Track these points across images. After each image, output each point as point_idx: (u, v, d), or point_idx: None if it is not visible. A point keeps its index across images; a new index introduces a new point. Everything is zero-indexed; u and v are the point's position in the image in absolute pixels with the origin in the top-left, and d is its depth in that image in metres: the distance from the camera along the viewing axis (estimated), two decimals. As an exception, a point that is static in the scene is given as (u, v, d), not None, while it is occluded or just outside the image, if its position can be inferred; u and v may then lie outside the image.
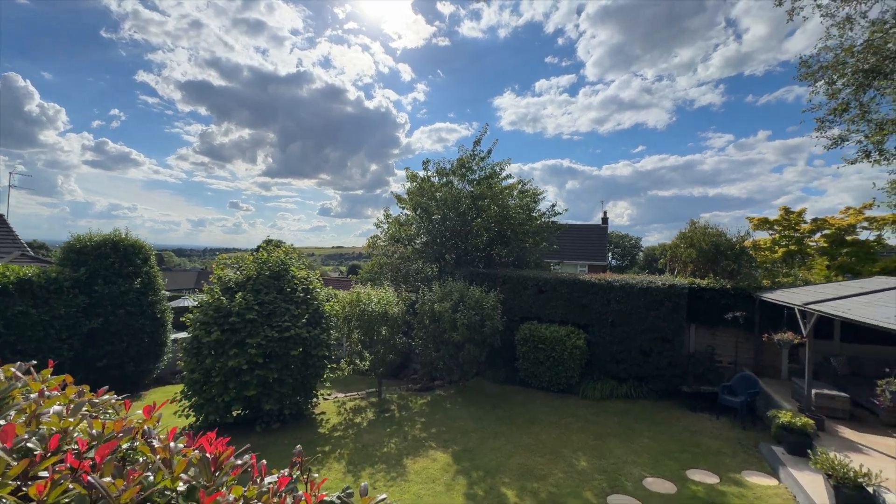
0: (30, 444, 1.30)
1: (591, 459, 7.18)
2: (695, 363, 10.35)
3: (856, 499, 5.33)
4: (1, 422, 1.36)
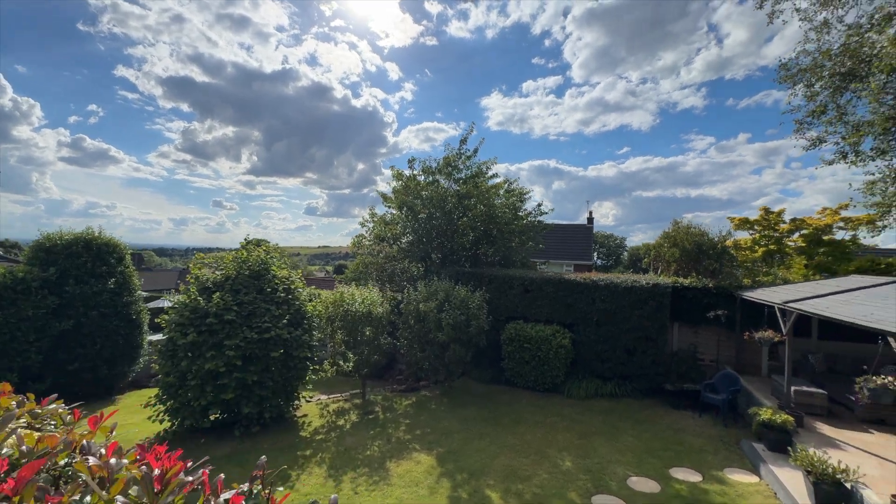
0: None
1: (575, 459, 7.16)
2: (678, 362, 10.44)
3: (834, 495, 5.40)
4: None
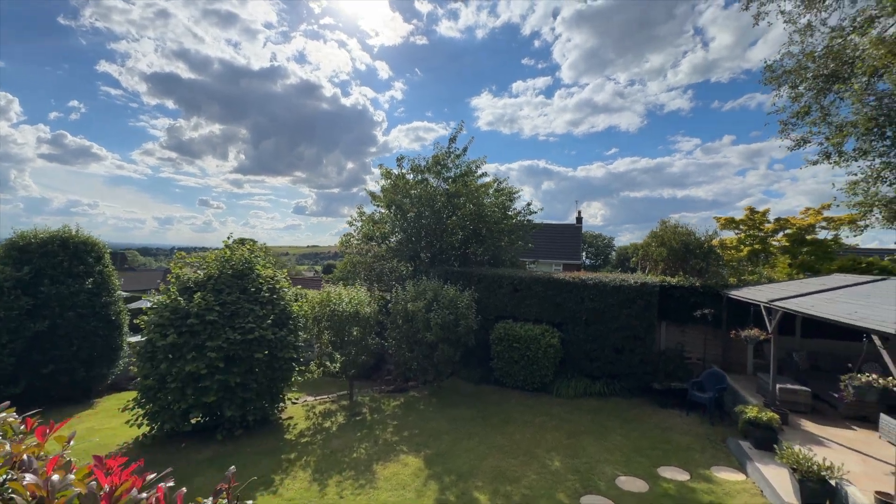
0: None
1: (564, 459, 7.11)
2: (665, 360, 10.49)
3: (819, 492, 5.43)
4: None
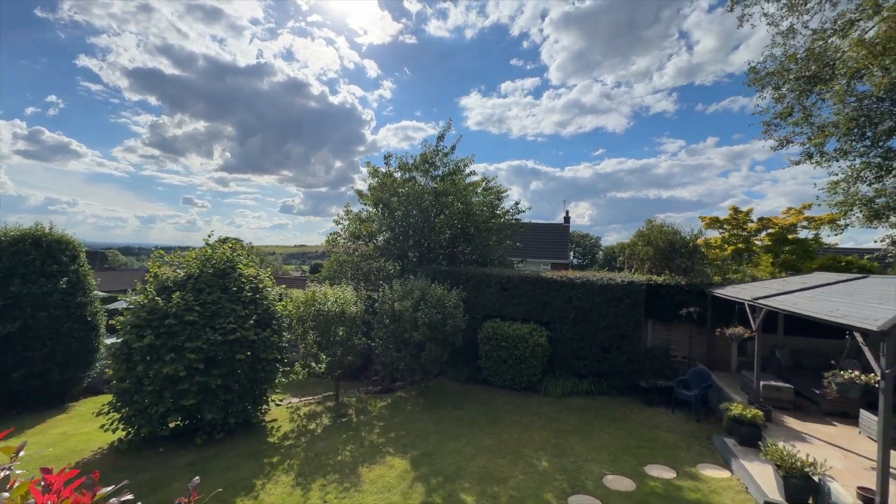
0: None
1: (552, 459, 7.07)
2: (652, 359, 10.56)
3: (803, 488, 5.47)
4: None
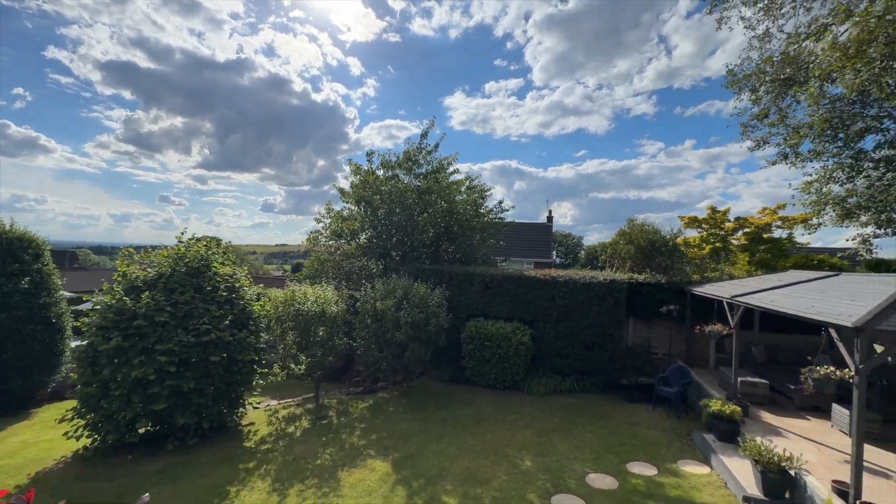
0: None
1: (535, 458, 7.03)
2: (633, 356, 10.66)
3: (780, 482, 5.55)
4: None
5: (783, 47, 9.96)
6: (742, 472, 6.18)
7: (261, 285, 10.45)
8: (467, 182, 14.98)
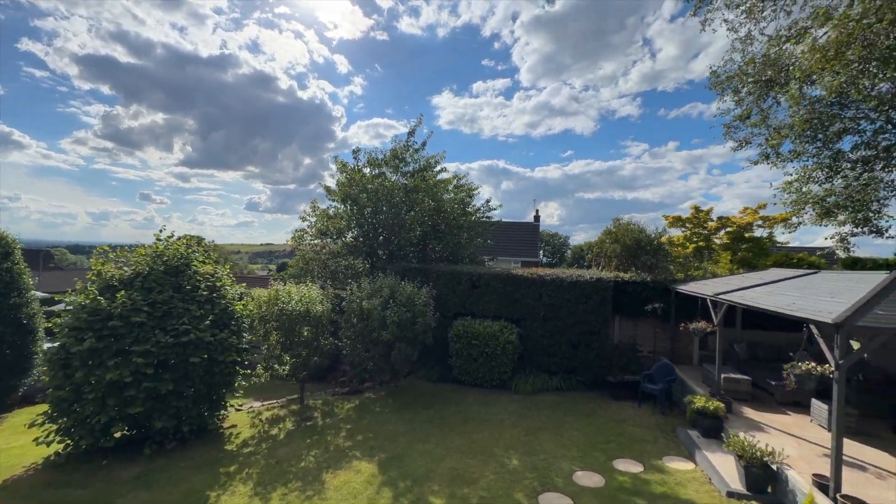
0: None
1: (522, 457, 7.00)
2: (619, 354, 10.74)
3: (763, 477, 5.63)
4: None
5: (765, 49, 10.14)
6: (726, 467, 6.25)
7: (243, 284, 10.20)
8: (455, 181, 14.94)
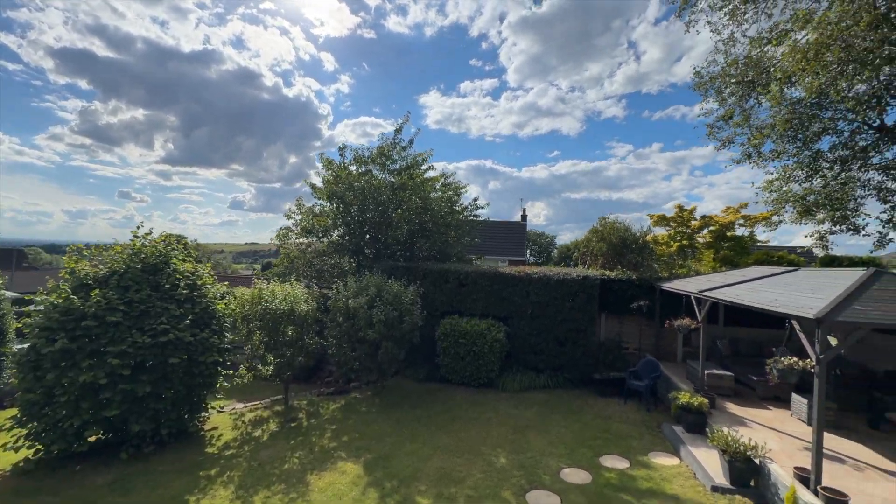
0: None
1: (510, 455, 6.98)
2: (605, 351, 10.82)
3: (746, 471, 5.71)
4: None
5: (747, 51, 10.32)
6: (710, 462, 6.32)
7: (226, 283, 9.95)
8: (442, 179, 14.87)
